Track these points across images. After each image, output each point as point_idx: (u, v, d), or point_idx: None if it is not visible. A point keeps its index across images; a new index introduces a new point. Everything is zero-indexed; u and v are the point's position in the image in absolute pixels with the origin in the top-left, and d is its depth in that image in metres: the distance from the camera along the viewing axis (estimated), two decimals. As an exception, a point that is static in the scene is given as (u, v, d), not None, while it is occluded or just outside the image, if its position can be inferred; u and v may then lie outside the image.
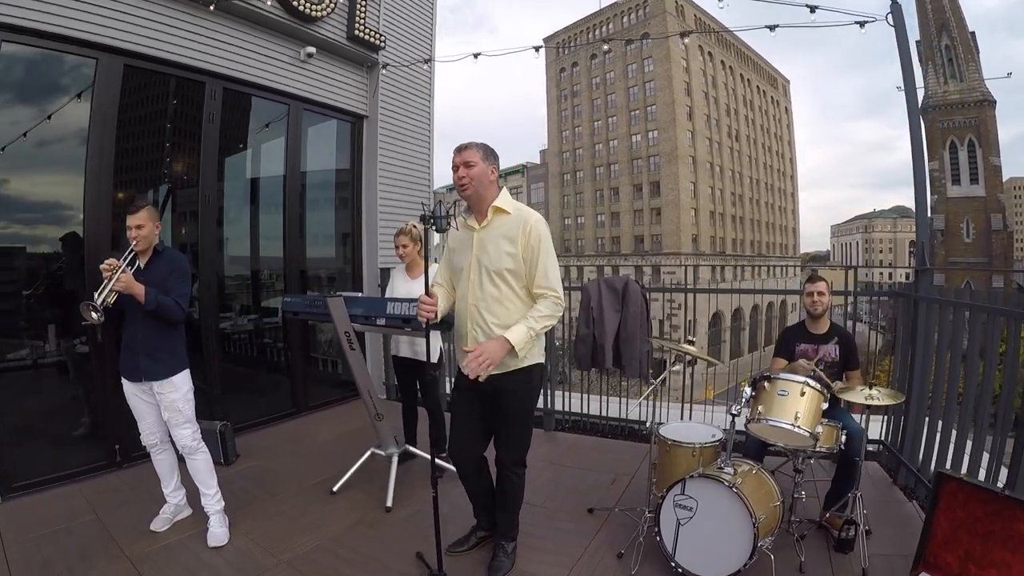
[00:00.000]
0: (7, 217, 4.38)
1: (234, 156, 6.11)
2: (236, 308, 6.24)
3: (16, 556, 3.27)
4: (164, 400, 3.40)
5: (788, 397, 3.09)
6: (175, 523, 3.63)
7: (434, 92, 7.53)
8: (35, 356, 4.56)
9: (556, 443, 5.30)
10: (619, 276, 5.35)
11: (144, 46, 4.70)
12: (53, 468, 4.29)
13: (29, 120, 4.35)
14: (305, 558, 3.27)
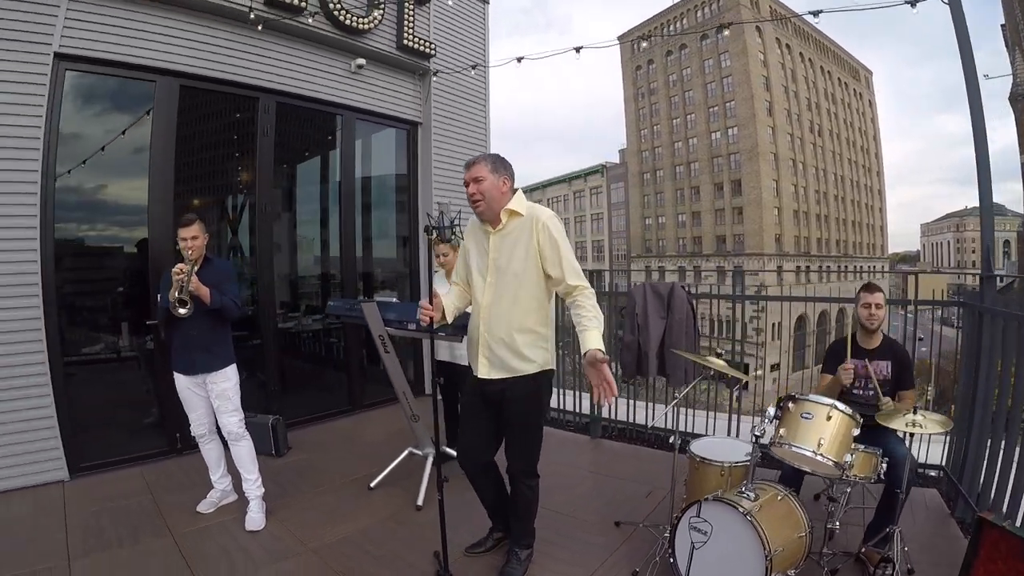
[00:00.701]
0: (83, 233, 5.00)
1: (292, 166, 6.56)
2: (302, 309, 6.61)
3: (75, 525, 3.75)
4: (216, 389, 3.78)
5: (812, 421, 2.94)
6: (220, 507, 4.01)
7: (489, 96, 7.64)
8: (110, 350, 5.09)
9: (601, 451, 5.32)
10: (664, 282, 5.29)
11: (197, 67, 5.11)
12: (119, 452, 4.80)
13: (106, 136, 4.89)
14: (332, 548, 3.50)
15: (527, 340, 2.91)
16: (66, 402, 4.46)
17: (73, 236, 4.90)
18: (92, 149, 4.82)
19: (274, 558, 3.39)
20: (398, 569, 3.27)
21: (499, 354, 2.92)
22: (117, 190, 5.15)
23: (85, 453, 4.59)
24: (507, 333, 2.89)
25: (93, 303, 5.10)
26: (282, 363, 5.98)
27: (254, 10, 5.12)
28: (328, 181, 6.71)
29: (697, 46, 51.07)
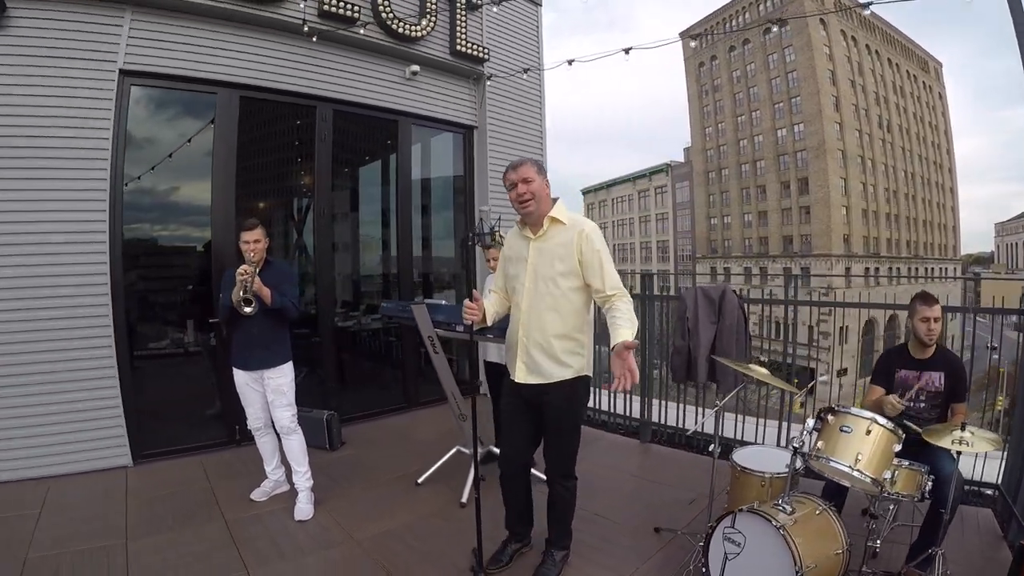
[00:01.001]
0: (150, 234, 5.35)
1: (351, 170, 6.79)
2: (361, 308, 6.81)
3: (134, 508, 4.05)
4: (272, 384, 3.98)
5: (851, 435, 2.83)
6: (272, 496, 4.22)
7: (544, 98, 7.66)
8: (175, 345, 5.42)
9: (648, 455, 5.27)
10: (716, 285, 5.19)
11: (256, 79, 5.37)
12: (180, 441, 5.11)
13: (171, 144, 5.22)
14: (375, 540, 3.62)
15: (565, 346, 2.94)
16: (132, 393, 4.78)
17: (140, 237, 5.23)
18: (159, 157, 5.14)
19: (320, 546, 3.55)
20: (437, 564, 3.34)
21: (537, 359, 2.95)
22: (181, 195, 5.49)
23: (148, 441, 4.90)
24: (546, 339, 2.92)
25: (159, 300, 5.46)
26: (340, 360, 6.19)
27: (308, 22, 5.31)
28: (386, 184, 6.89)
29: (760, 40, 49.29)
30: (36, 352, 4.42)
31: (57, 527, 3.71)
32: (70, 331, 4.51)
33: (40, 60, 4.41)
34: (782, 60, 48.64)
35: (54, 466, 4.47)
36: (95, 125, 4.58)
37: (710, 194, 55.83)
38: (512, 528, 3.36)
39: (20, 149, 4.35)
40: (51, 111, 4.43)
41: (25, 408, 4.39)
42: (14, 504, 4.00)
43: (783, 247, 48.96)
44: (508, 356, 3.14)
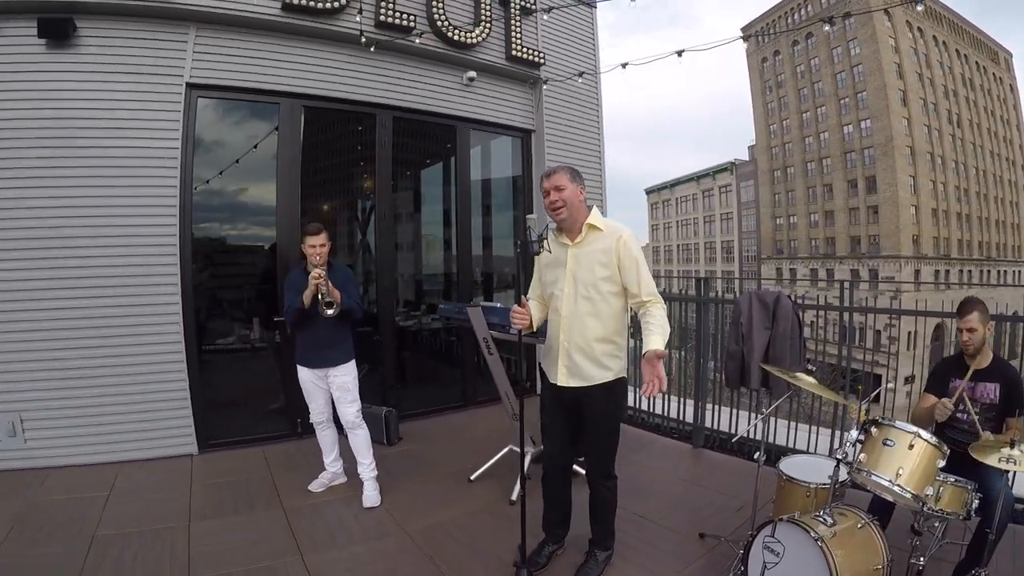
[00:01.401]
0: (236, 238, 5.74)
1: (412, 175, 6.95)
2: (422, 308, 6.96)
3: (198, 493, 4.30)
4: (336, 381, 4.13)
5: (894, 449, 2.74)
6: (330, 487, 4.39)
7: (601, 100, 7.61)
8: (242, 341, 5.70)
9: (699, 461, 5.19)
10: (771, 291, 5.09)
11: (317, 89, 5.56)
12: (244, 432, 5.35)
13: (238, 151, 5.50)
14: (425, 532, 3.73)
15: (605, 350, 2.99)
16: (199, 385, 5.04)
17: (209, 238, 5.53)
18: (226, 163, 5.42)
19: (371, 536, 3.69)
20: (482, 558, 3.41)
21: (578, 363, 2.99)
22: (247, 198, 5.77)
23: (213, 432, 5.16)
24: (587, 343, 2.97)
25: (226, 298, 5.74)
26: (400, 359, 6.35)
27: (365, 33, 5.42)
28: (446, 187, 7.02)
29: (824, 34, 47.17)
30: (109, 345, 4.73)
31: (124, 508, 3.97)
32: (142, 326, 4.81)
33: (110, 75, 4.71)
34: (847, 53, 46.53)
35: (124, 452, 4.78)
36: (165, 135, 4.87)
37: (775, 193, 54.03)
38: (550, 529, 3.39)
39: (95, 159, 4.67)
40: (123, 123, 4.73)
41: (98, 397, 4.71)
42: (86, 486, 4.29)
43: (850, 248, 46.99)
44: (547, 360, 3.17)
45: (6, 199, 4.49)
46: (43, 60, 4.56)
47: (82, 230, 4.64)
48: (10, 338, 4.52)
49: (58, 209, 4.59)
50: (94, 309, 4.68)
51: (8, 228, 4.49)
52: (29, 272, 4.54)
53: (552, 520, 3.38)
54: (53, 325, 4.60)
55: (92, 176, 4.66)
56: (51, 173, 4.57)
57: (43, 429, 4.61)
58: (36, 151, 4.53)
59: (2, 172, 4.49)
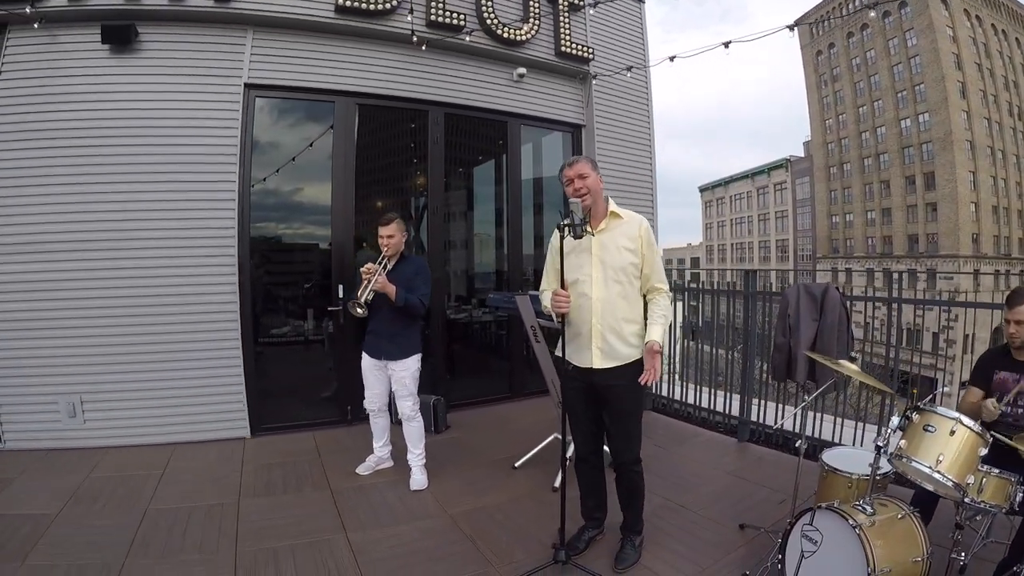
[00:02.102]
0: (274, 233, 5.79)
1: (464, 170, 6.97)
2: (472, 302, 7.00)
3: (249, 473, 4.45)
4: (395, 376, 4.20)
5: (935, 435, 2.62)
6: (376, 471, 4.47)
7: (651, 95, 7.53)
8: (295, 332, 5.81)
9: (744, 454, 5.09)
10: (819, 283, 4.97)
11: (370, 87, 5.66)
12: (296, 418, 5.50)
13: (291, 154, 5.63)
14: (467, 515, 3.77)
15: (633, 329, 3.07)
16: (253, 372, 5.21)
17: (266, 234, 5.67)
18: (283, 160, 5.56)
19: (414, 517, 3.76)
20: (522, 541, 3.43)
21: (612, 343, 3.03)
22: (304, 194, 5.91)
23: (266, 416, 5.31)
24: (618, 324, 3.03)
25: (282, 291, 5.90)
26: (449, 351, 6.39)
27: (416, 32, 5.50)
28: (497, 183, 7.05)
29: (880, 25, 44.73)
30: (168, 332, 4.94)
31: (176, 486, 4.13)
32: (201, 314, 5.02)
33: (171, 78, 4.92)
34: (903, 45, 44.07)
35: (178, 434, 4.98)
36: (224, 134, 5.06)
37: (831, 190, 51.79)
38: (588, 515, 3.41)
39: (157, 156, 4.88)
40: (183, 123, 4.93)
41: (154, 381, 4.93)
42: (140, 465, 4.49)
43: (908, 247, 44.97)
44: (574, 346, 3.13)
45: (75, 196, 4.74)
46: (106, 64, 4.80)
47: (146, 223, 4.87)
48: (77, 324, 4.77)
49: (124, 203, 4.83)
50: (155, 298, 4.91)
51: (78, 221, 4.75)
52: (97, 263, 4.79)
53: (589, 505, 3.41)
54: (117, 312, 4.83)
55: (155, 173, 4.87)
56: (115, 171, 4.80)
57: (102, 411, 4.85)
58: (101, 151, 4.78)
59: (69, 171, 4.73)
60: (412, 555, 3.27)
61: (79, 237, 4.74)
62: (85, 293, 4.76)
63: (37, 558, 3.13)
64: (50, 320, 4.72)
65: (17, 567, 3.03)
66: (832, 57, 51.18)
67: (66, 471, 4.34)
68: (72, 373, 4.77)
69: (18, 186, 4.67)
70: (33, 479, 4.21)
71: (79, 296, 4.75)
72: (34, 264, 4.69)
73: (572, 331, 3.12)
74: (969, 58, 42.17)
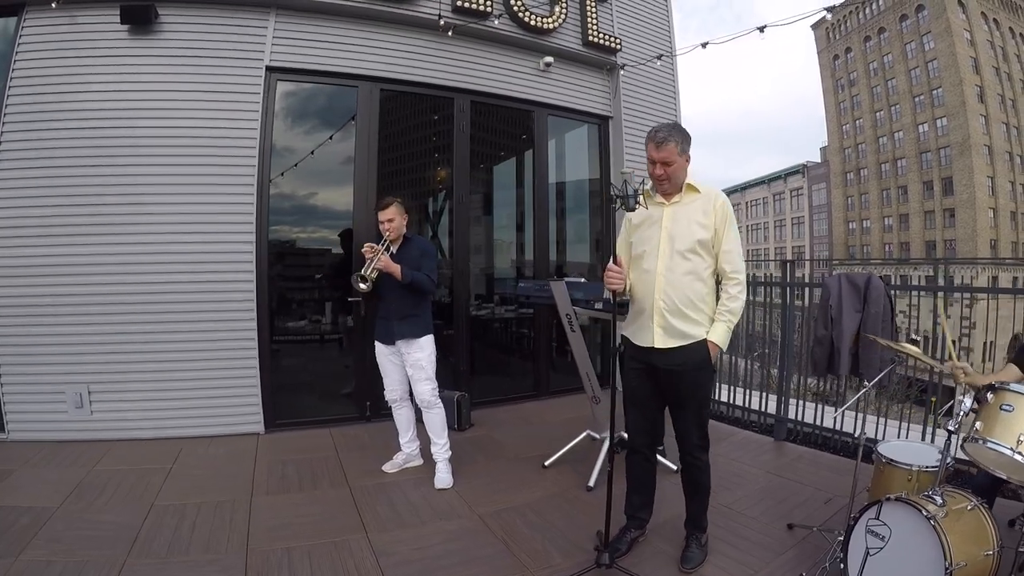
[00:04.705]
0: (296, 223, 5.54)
1: (489, 160, 6.70)
2: (496, 299, 6.71)
3: (263, 468, 4.17)
4: (410, 358, 3.92)
5: (1013, 414, 2.38)
6: (404, 468, 4.18)
7: (678, 87, 7.30)
8: (313, 331, 5.58)
9: (782, 453, 4.82)
10: (861, 272, 4.67)
11: (395, 72, 5.43)
12: (312, 414, 5.25)
13: (313, 143, 5.38)
14: (497, 515, 3.48)
15: (700, 307, 2.78)
16: (269, 366, 4.96)
17: (286, 222, 5.42)
18: (304, 148, 5.33)
19: (440, 517, 3.46)
20: (557, 543, 3.15)
21: (673, 322, 2.75)
22: (324, 181, 5.60)
23: (281, 412, 5.05)
24: (683, 301, 2.75)
25: (300, 283, 5.66)
26: (472, 348, 6.10)
27: (443, 17, 5.33)
28: (522, 175, 6.79)
29: (897, 28, 44.37)
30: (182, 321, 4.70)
31: (185, 481, 3.86)
32: (216, 302, 4.79)
33: (191, 59, 4.71)
34: (920, 49, 43.52)
35: (189, 428, 4.72)
36: (245, 117, 4.84)
37: (848, 196, 51.13)
38: (633, 513, 3.10)
39: (176, 140, 4.66)
40: (204, 105, 4.71)
41: (164, 372, 4.68)
42: (149, 458, 4.23)
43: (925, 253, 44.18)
44: (635, 324, 2.90)
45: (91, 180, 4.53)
46: (126, 46, 4.59)
47: (162, 208, 4.65)
48: (88, 311, 4.55)
49: (139, 188, 4.60)
50: (168, 285, 4.67)
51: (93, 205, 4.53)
52: (111, 249, 4.57)
53: (636, 503, 3.09)
54: (129, 300, 4.61)
55: (173, 156, 4.65)
56: (132, 156, 4.58)
57: (110, 402, 4.60)
58: (119, 134, 4.55)
59: (85, 155, 4.52)
60: (440, 558, 2.99)
61: (94, 222, 4.53)
62: (97, 279, 4.54)
63: (33, 553, 2.88)
64: (61, 307, 4.50)
65: (11, 563, 2.78)
66: (849, 61, 50.54)
67: (70, 463, 4.11)
68: (80, 362, 4.53)
69: (33, 167, 4.47)
70: (35, 470, 3.98)
71: (91, 283, 4.53)
72: (45, 249, 4.47)
73: (635, 308, 2.91)
74: (987, 62, 41.51)
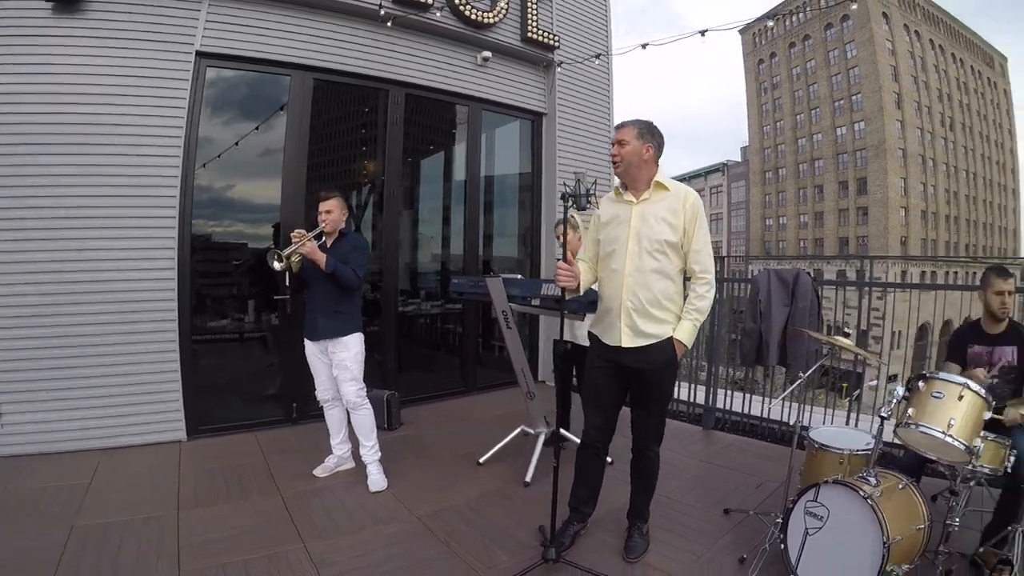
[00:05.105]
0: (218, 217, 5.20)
1: (419, 157, 6.60)
2: (422, 295, 6.66)
3: (187, 479, 3.89)
4: (335, 358, 3.81)
5: (943, 400, 2.62)
6: (336, 472, 4.05)
7: (612, 87, 7.39)
8: (239, 328, 5.32)
9: (711, 441, 5.02)
10: (790, 268, 4.92)
11: (330, 62, 5.24)
12: (236, 418, 4.97)
13: (238, 133, 5.10)
14: (436, 516, 3.44)
15: (667, 306, 2.82)
16: (191, 371, 4.66)
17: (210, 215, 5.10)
18: (231, 139, 5.05)
19: (378, 521, 3.37)
20: (500, 541, 3.15)
21: (640, 323, 2.79)
22: (253, 175, 5.34)
23: (204, 417, 4.77)
24: (651, 301, 2.78)
25: (223, 281, 5.36)
26: (399, 345, 5.98)
27: (383, 7, 5.20)
28: (453, 168, 6.72)
29: (821, 36, 47.16)
30: (100, 323, 4.34)
31: (106, 497, 3.59)
32: (135, 302, 4.43)
33: (118, 42, 4.37)
34: (843, 56, 46.24)
35: (108, 438, 4.38)
36: (171, 104, 4.53)
37: (766, 194, 53.70)
38: (578, 507, 3.15)
39: (96, 126, 4.31)
40: (130, 90, 4.39)
41: (87, 380, 4.32)
42: (66, 474, 3.88)
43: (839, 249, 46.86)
44: (602, 323, 2.94)
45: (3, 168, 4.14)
46: (49, 24, 4.21)
47: (77, 199, 4.27)
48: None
49: (55, 178, 4.23)
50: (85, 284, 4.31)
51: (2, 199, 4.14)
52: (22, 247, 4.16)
53: (582, 497, 3.13)
54: (37, 302, 4.20)
55: (92, 144, 4.30)
56: (49, 141, 4.21)
57: (23, 413, 4.19)
58: (37, 119, 4.19)
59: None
60: (383, 563, 2.92)
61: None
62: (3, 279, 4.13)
63: (-64, 594, 2.62)
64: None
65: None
66: (773, 66, 53.03)
67: (-22, 483, 3.73)
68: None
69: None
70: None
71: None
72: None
73: (603, 307, 2.94)
74: (906, 71, 44.46)
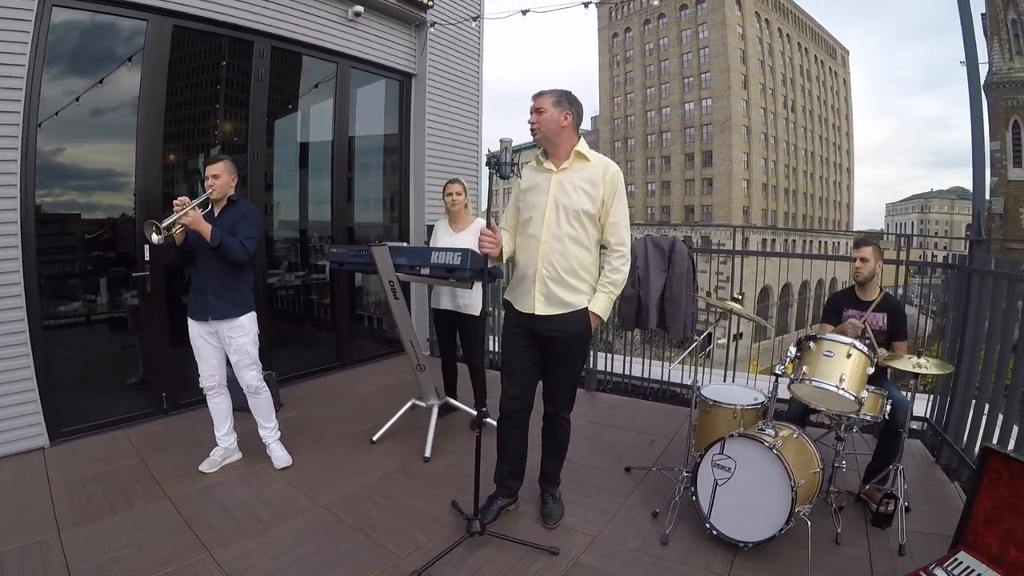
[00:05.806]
0: (64, 184, 4.38)
1: (284, 117, 6.08)
2: (284, 265, 6.23)
3: (61, 494, 3.34)
4: (233, 343, 3.53)
5: (834, 358, 2.94)
6: (224, 466, 3.71)
7: (483, 51, 7.31)
8: (88, 311, 4.57)
9: (596, 403, 5.19)
10: (666, 236, 5.16)
11: (192, 6, 4.63)
12: (101, 415, 4.35)
13: (83, 86, 4.34)
14: (341, 503, 3.28)
15: (582, 276, 2.85)
16: (45, 366, 3.98)
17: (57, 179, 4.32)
18: (79, 88, 4.29)
19: (283, 516, 3.13)
20: (416, 521, 3.08)
21: (555, 290, 2.81)
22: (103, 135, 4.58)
23: (65, 418, 4.13)
24: (566, 269, 2.80)
25: (78, 258, 4.58)
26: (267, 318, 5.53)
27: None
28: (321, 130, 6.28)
29: (676, 16, 50.25)
30: None
31: None
32: None
33: None
34: (695, 36, 49.67)
35: None
36: (10, 51, 3.71)
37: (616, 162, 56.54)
38: (503, 482, 3.13)
39: None
40: None
41: None
42: None
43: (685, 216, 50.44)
44: (518, 290, 2.93)
45: None
46: None
47: None
48: None
49: None
50: None
51: None
52: None
53: (505, 472, 3.12)
54: None
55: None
56: None
57: None
58: None
59: None
60: (301, 562, 2.72)
61: None
62: None
63: None
64: None
65: None
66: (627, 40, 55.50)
67: None
68: None
69: None
70: None
71: None
72: None
73: (519, 273, 2.93)
74: (754, 54, 48.70)
